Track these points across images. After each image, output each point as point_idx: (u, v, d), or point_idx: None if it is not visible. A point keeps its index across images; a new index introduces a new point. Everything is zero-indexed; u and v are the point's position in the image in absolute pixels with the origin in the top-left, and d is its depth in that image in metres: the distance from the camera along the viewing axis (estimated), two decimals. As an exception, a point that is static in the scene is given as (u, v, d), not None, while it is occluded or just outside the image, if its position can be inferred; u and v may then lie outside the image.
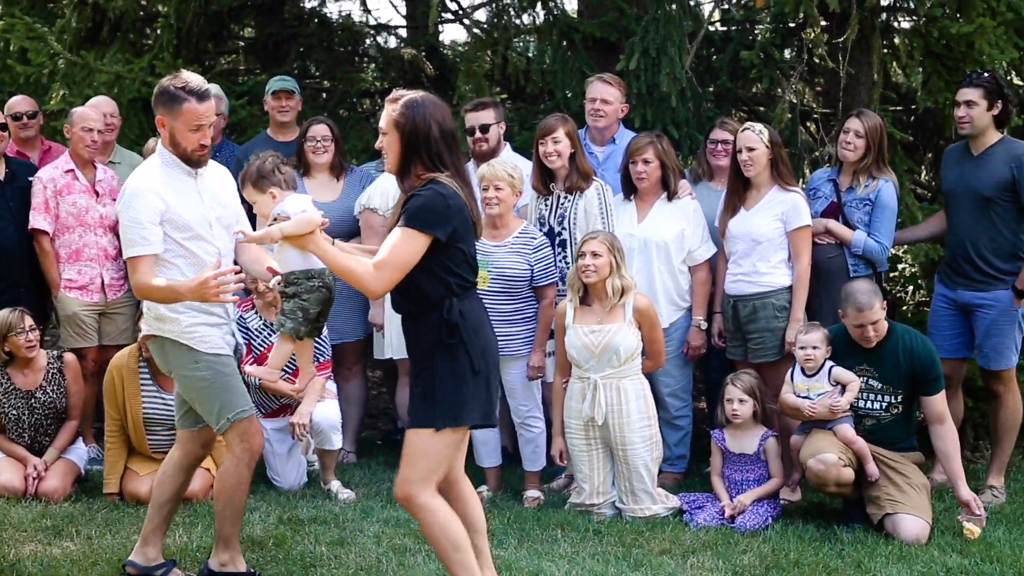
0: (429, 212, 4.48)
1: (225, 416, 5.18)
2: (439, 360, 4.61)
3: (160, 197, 5.02)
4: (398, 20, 11.95)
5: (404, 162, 4.62)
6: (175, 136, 5.08)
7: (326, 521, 6.33)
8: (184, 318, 5.13)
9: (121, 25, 9.55)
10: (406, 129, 4.56)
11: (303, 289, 4.98)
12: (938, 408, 6.26)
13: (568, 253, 6.91)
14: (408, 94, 4.65)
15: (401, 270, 4.49)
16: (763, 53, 8.08)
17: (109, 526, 6.22)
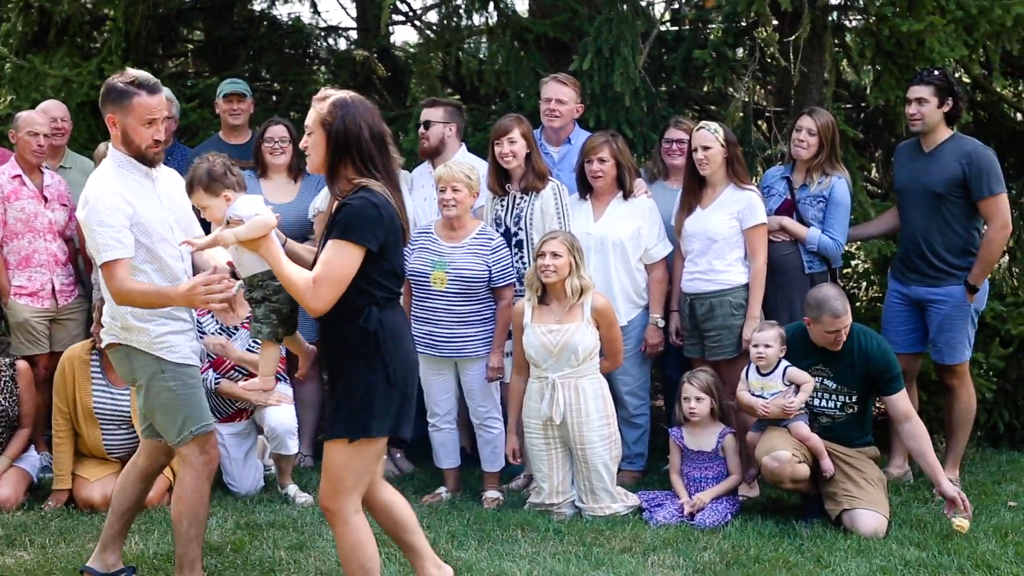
0: (361, 222, 4.38)
1: (188, 429, 5.09)
2: (355, 370, 4.51)
3: (125, 200, 4.91)
4: (348, 22, 11.91)
5: (332, 163, 4.52)
6: (128, 133, 4.97)
7: (284, 526, 6.28)
8: (153, 327, 5.04)
9: (68, 29, 9.44)
10: (334, 129, 4.47)
11: (271, 291, 4.89)
12: (902, 407, 6.29)
13: (525, 253, 6.90)
14: (336, 93, 4.56)
15: (339, 284, 4.39)
16: (716, 52, 8.12)
17: (63, 535, 6.13)
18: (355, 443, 4.51)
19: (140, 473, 5.41)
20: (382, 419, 4.52)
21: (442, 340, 6.65)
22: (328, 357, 4.66)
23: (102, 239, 4.87)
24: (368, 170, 4.48)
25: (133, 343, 5.06)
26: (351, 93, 4.60)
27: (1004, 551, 5.74)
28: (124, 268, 4.88)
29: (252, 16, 10.76)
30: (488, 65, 8.88)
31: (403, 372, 4.56)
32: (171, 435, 5.14)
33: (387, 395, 4.52)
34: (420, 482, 7.19)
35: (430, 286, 6.63)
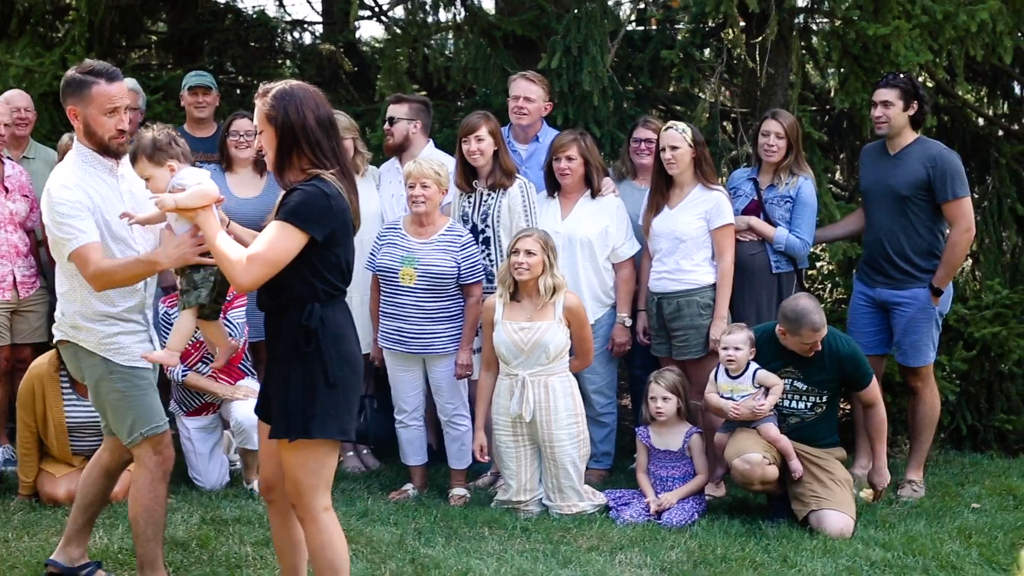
0: (309, 209, 4.28)
1: (138, 431, 5.03)
2: (293, 368, 4.40)
3: (86, 195, 4.84)
4: (314, 16, 11.86)
5: (282, 157, 4.40)
6: (89, 125, 4.89)
7: (250, 521, 6.24)
8: (102, 327, 4.97)
9: (30, 18, 9.35)
10: (279, 122, 4.36)
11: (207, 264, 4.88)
12: (871, 395, 6.42)
13: (492, 250, 6.90)
14: (277, 85, 4.44)
15: (273, 266, 4.27)
16: (683, 53, 8.16)
17: (26, 528, 6.08)
18: (296, 443, 4.39)
19: (104, 468, 5.35)
20: (323, 420, 4.39)
21: (410, 336, 6.63)
22: (270, 350, 4.60)
23: (64, 232, 4.80)
24: (318, 158, 4.38)
25: (81, 342, 4.99)
26: (292, 82, 4.49)
27: (968, 552, 5.81)
28: (95, 251, 4.79)
29: (216, 8, 10.67)
30: (455, 62, 8.87)
31: (343, 373, 4.44)
32: (122, 436, 5.09)
33: (327, 396, 4.40)
34: (386, 479, 7.16)
35: (399, 282, 6.61)
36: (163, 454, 5.11)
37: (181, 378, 6.85)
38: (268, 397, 4.56)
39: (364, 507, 6.51)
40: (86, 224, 4.81)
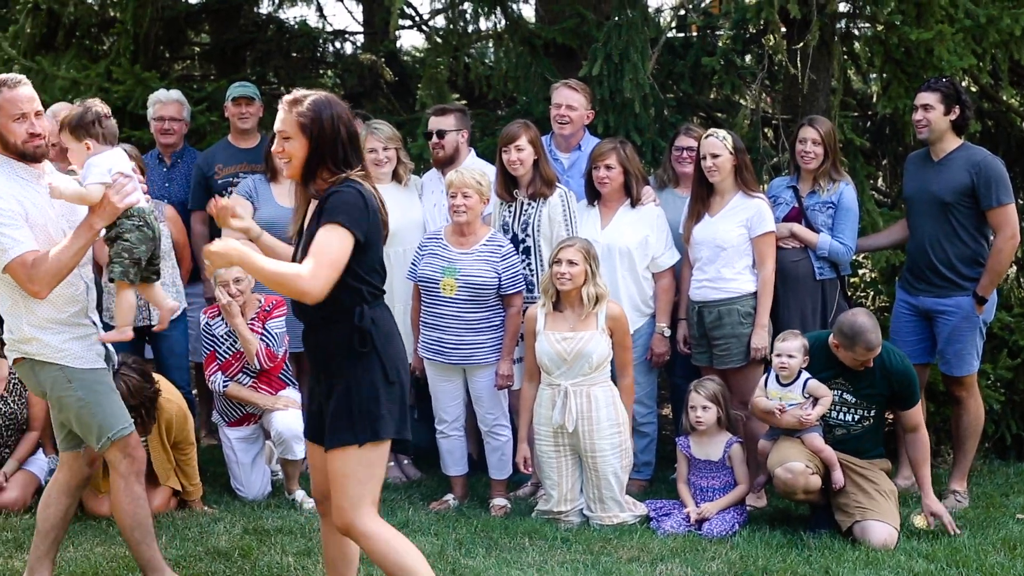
0: (351, 209, 4.27)
1: (106, 435, 4.99)
2: (352, 370, 4.38)
3: (18, 203, 4.81)
4: (355, 26, 11.93)
5: (310, 167, 4.37)
6: (2, 133, 4.84)
7: (292, 531, 6.27)
8: (51, 337, 4.93)
9: (76, 31, 9.47)
10: (314, 133, 4.31)
11: (124, 229, 4.97)
12: (914, 419, 6.32)
13: (532, 260, 6.90)
14: (311, 94, 4.39)
15: (337, 268, 4.23)
16: (724, 59, 8.13)
17: (71, 538, 6.11)
18: (363, 448, 4.37)
19: (62, 488, 5.28)
20: (387, 420, 4.41)
21: (451, 347, 6.65)
22: (320, 361, 4.52)
23: (4, 238, 4.75)
24: (342, 169, 4.36)
25: (35, 355, 4.94)
26: (325, 92, 4.47)
27: (1013, 564, 5.73)
28: (32, 258, 4.76)
29: (259, 19, 10.79)
30: (496, 70, 8.88)
31: (398, 370, 4.47)
32: (92, 443, 5.05)
33: (388, 394, 4.41)
34: (427, 489, 7.18)
35: (439, 292, 6.62)
36: (133, 455, 5.08)
37: (223, 389, 6.91)
38: (316, 415, 4.56)
39: (405, 517, 6.53)
40: (21, 233, 4.78)
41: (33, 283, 4.78)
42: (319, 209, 4.34)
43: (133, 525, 5.12)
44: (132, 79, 8.66)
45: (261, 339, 6.91)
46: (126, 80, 8.67)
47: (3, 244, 4.75)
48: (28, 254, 4.76)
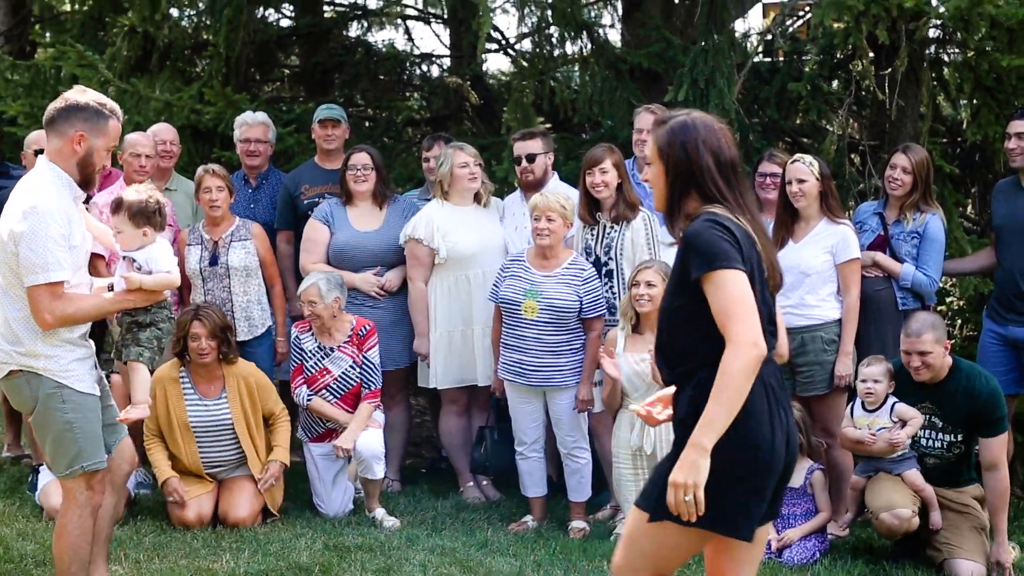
0: (710, 245, 3.65)
1: (80, 463, 4.86)
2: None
3: (68, 222, 4.74)
4: (442, 50, 12.04)
5: (672, 199, 3.85)
6: (91, 156, 4.81)
7: (372, 548, 6.32)
8: (63, 354, 4.83)
9: (170, 54, 9.67)
10: (672, 159, 3.82)
11: (160, 318, 5.10)
12: (993, 453, 6.10)
13: (614, 283, 6.90)
14: (677, 115, 3.91)
15: (752, 310, 3.61)
16: (811, 85, 8.08)
17: (157, 550, 6.23)
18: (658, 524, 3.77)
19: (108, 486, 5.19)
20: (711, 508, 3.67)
21: (531, 368, 6.67)
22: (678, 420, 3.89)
23: (51, 257, 4.66)
24: (710, 204, 3.80)
25: (40, 370, 4.80)
26: (695, 114, 3.94)
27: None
28: (64, 288, 4.74)
29: (348, 42, 10.94)
30: (581, 94, 8.91)
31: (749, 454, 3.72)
32: (59, 467, 4.91)
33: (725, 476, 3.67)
34: (506, 510, 7.19)
35: (521, 314, 6.65)
36: (95, 489, 4.96)
37: (307, 402, 7.00)
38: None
39: (484, 537, 6.55)
40: (65, 258, 4.72)
41: (51, 315, 4.71)
42: (677, 266, 3.81)
43: (73, 559, 4.95)
44: (223, 101, 8.83)
45: (357, 367, 7.05)
46: (217, 102, 8.85)
47: (48, 263, 4.66)
48: (61, 286, 4.70)
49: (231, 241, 7.33)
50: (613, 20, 10.17)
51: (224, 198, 7.28)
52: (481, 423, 7.37)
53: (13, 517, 6.74)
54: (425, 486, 7.72)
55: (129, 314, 5.06)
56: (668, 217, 3.92)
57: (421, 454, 8.84)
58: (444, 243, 7.16)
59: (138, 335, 5.05)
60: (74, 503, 4.92)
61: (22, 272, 4.69)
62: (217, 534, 6.56)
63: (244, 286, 7.35)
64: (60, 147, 4.82)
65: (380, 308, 7.40)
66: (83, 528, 4.93)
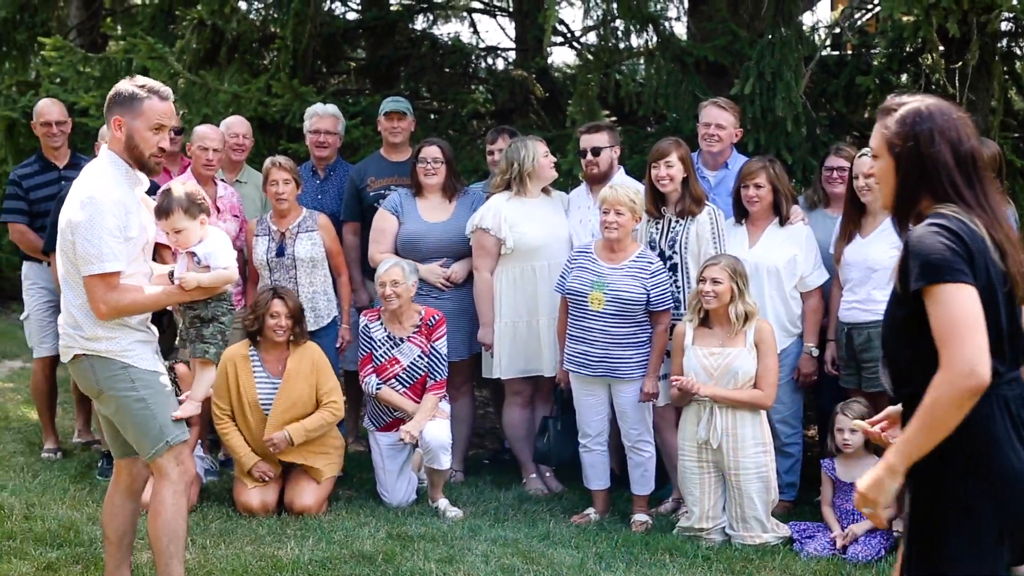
0: (934, 254, 3.20)
1: (164, 439, 4.86)
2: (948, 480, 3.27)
3: (125, 213, 4.76)
4: (507, 43, 12.06)
5: (902, 197, 3.41)
6: (133, 138, 4.80)
7: (434, 538, 6.36)
8: (123, 336, 4.85)
9: (239, 46, 9.76)
10: (903, 153, 3.36)
11: (221, 312, 5.08)
12: None
13: (679, 277, 6.89)
14: (910, 103, 3.42)
15: (978, 333, 3.14)
16: (879, 78, 8.00)
17: (223, 536, 6.31)
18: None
19: (125, 493, 5.18)
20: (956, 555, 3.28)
21: (596, 360, 6.67)
22: None
23: (106, 247, 4.69)
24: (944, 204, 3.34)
25: (102, 352, 4.84)
26: (929, 100, 3.44)
27: None
28: (117, 280, 4.75)
29: (414, 35, 10.99)
30: (647, 87, 8.89)
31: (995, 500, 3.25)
32: (145, 447, 4.90)
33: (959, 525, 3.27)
34: (569, 502, 7.20)
35: (587, 306, 6.66)
36: (185, 464, 4.98)
37: (375, 391, 7.05)
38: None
39: (546, 529, 6.57)
40: (121, 248, 4.74)
41: (105, 305, 4.74)
42: (899, 274, 3.35)
43: (170, 537, 4.94)
44: (290, 93, 8.91)
45: (425, 357, 7.10)
46: (284, 94, 8.93)
47: (103, 253, 4.68)
48: (116, 276, 4.73)
49: (298, 232, 7.40)
50: (679, 13, 10.12)
51: (291, 190, 7.35)
52: (544, 414, 7.38)
53: (83, 501, 6.85)
54: (488, 477, 7.75)
55: (190, 307, 5.07)
56: (896, 218, 3.49)
57: (484, 445, 8.87)
58: (511, 233, 7.18)
59: (202, 331, 5.07)
60: (167, 480, 4.90)
61: (78, 262, 4.74)
62: (282, 521, 6.63)
63: (310, 276, 7.42)
64: (110, 136, 4.90)
65: (445, 299, 7.44)
66: (178, 506, 4.93)
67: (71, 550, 5.97)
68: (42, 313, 8.07)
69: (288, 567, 5.79)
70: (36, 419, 8.48)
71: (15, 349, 11.79)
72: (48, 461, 7.84)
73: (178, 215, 5.02)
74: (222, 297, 5.09)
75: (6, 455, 7.91)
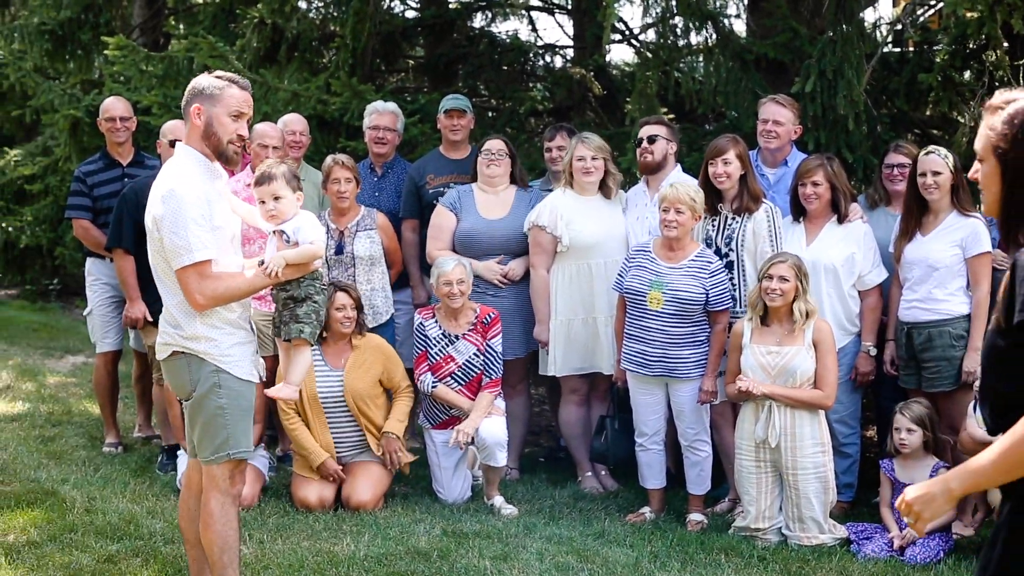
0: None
1: (226, 451, 4.85)
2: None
3: (207, 203, 4.75)
4: (565, 40, 12.06)
5: (1008, 206, 3.04)
6: (212, 124, 4.79)
7: (489, 536, 6.37)
8: (223, 338, 4.85)
9: (298, 45, 9.83)
10: (1010, 156, 3.01)
11: (315, 291, 5.03)
12: None
13: (735, 274, 6.85)
14: (1019, 100, 3.05)
15: None
16: (942, 75, 7.90)
17: (280, 531, 6.36)
18: None
19: (199, 494, 5.10)
20: None
21: (654, 359, 6.65)
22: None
23: (193, 237, 4.67)
24: None
25: (200, 353, 4.82)
26: None
27: None
28: (210, 268, 4.73)
29: (472, 33, 11.03)
30: (706, 85, 8.84)
31: None
32: (205, 451, 4.90)
33: None
34: (624, 501, 7.19)
35: (646, 305, 6.64)
36: (237, 480, 4.95)
37: (431, 389, 7.08)
38: None
39: (601, 527, 6.56)
40: (208, 237, 4.72)
41: (202, 296, 4.72)
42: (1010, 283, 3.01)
43: (224, 548, 4.91)
44: (349, 91, 8.96)
45: (481, 355, 7.12)
46: (343, 92, 8.98)
47: (191, 244, 4.67)
48: (208, 264, 4.71)
49: (356, 231, 7.44)
50: (739, 10, 10.06)
51: (352, 189, 7.39)
52: (600, 413, 7.37)
53: (143, 495, 6.94)
54: (543, 475, 7.75)
55: (283, 289, 5.03)
56: (1002, 229, 3.13)
57: (540, 443, 8.88)
58: (567, 231, 7.18)
59: (295, 311, 5.02)
60: (216, 490, 4.90)
61: (168, 256, 4.73)
62: (338, 517, 6.67)
63: (368, 274, 7.46)
64: (188, 128, 4.90)
65: (502, 297, 7.45)
66: (227, 516, 4.90)
67: (131, 543, 6.05)
68: (105, 309, 8.18)
69: (344, 562, 5.82)
70: (98, 414, 8.60)
71: (78, 344, 11.96)
72: (109, 455, 7.94)
73: (280, 182, 5.03)
74: (315, 276, 5.04)
75: (68, 449, 8.02)
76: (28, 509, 6.52)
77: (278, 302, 5.08)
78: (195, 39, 9.45)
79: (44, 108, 11.82)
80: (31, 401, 9.39)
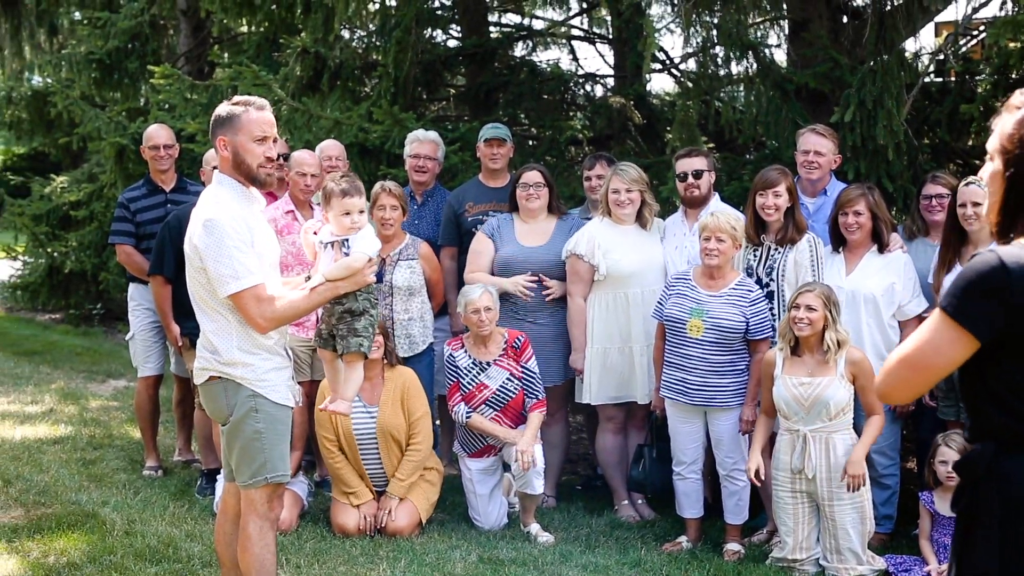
0: (968, 289, 2.90)
1: (264, 475, 4.88)
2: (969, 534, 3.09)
3: (247, 228, 4.78)
4: (606, 69, 12.11)
5: (1007, 214, 3.00)
6: (239, 153, 4.84)
7: (525, 563, 6.36)
8: (259, 363, 4.86)
9: (341, 74, 9.92)
10: (1014, 159, 2.96)
11: (370, 304, 5.02)
12: None
13: (775, 305, 6.83)
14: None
15: (920, 370, 2.99)
16: (984, 106, 7.87)
17: (317, 556, 6.39)
18: None
19: (234, 519, 5.15)
20: None
21: (694, 388, 6.65)
22: None
23: (238, 264, 4.70)
24: None
25: (237, 378, 4.84)
26: None
27: None
28: (263, 290, 4.74)
29: (513, 62, 11.08)
30: (746, 114, 8.84)
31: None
32: (244, 475, 4.92)
33: None
34: (661, 529, 7.16)
35: (686, 333, 6.64)
36: (275, 504, 4.97)
37: (465, 419, 7.08)
38: None
39: (637, 556, 6.54)
40: (253, 262, 4.74)
41: (263, 318, 4.74)
42: None
43: (261, 572, 4.92)
44: (390, 120, 9.03)
45: (515, 379, 7.11)
46: (384, 120, 9.05)
47: (236, 271, 4.69)
48: (261, 288, 4.73)
49: (398, 260, 7.46)
50: (779, 40, 10.08)
51: (397, 217, 7.41)
52: (638, 441, 7.36)
53: (182, 519, 6.98)
54: (580, 503, 7.73)
55: (339, 302, 5.01)
56: (997, 230, 3.05)
57: (577, 471, 8.85)
58: (604, 260, 7.19)
59: (353, 324, 5.00)
60: (254, 514, 4.92)
61: (216, 285, 4.74)
62: (375, 543, 6.69)
63: (406, 304, 7.48)
64: (219, 159, 4.96)
65: (541, 324, 7.47)
66: (265, 540, 4.92)
67: (169, 566, 6.09)
68: (146, 334, 8.27)
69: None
70: (138, 437, 8.67)
71: (120, 368, 12.07)
72: (149, 478, 8.00)
73: (353, 197, 5.06)
74: (370, 290, 5.04)
75: (109, 472, 8.09)
76: (68, 531, 6.59)
77: (334, 315, 5.06)
78: (239, 68, 9.57)
79: (91, 136, 12.02)
80: (73, 424, 9.49)
